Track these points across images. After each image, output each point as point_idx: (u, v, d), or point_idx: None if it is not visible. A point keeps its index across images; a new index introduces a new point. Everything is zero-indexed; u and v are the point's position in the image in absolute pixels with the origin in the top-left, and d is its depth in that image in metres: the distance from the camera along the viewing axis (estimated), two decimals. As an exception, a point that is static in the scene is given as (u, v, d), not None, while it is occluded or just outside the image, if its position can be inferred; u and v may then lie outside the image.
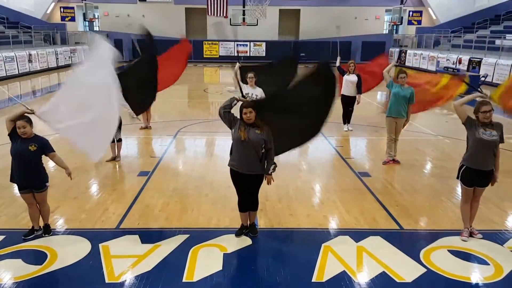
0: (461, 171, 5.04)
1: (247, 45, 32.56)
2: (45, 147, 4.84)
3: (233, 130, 4.84)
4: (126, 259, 4.58)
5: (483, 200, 5.35)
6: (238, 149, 4.80)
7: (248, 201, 5.04)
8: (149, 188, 6.73)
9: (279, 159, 5.24)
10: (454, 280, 4.32)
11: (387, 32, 34.93)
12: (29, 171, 4.82)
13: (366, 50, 32.10)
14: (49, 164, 4.99)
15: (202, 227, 5.42)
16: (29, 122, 4.75)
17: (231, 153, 4.97)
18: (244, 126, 4.73)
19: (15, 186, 5.15)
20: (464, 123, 4.98)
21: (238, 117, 4.85)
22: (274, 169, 4.88)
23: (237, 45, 32.57)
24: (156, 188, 6.77)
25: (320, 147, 9.44)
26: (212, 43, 32.75)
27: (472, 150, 4.90)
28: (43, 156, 4.92)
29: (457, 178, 5.12)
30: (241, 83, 6.49)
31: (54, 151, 4.92)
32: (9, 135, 4.78)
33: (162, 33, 32.39)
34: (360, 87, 10.14)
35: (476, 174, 4.94)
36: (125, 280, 4.21)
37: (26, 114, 4.75)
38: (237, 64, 8.02)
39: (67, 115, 4.91)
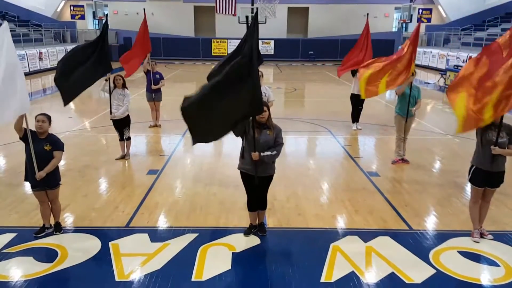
0: (472, 171, 5.02)
1: (255, 43, 32.46)
2: (55, 144, 4.88)
3: (245, 136, 4.77)
4: (136, 258, 4.61)
5: (494, 201, 5.30)
6: (251, 151, 4.69)
7: (257, 200, 5.04)
8: (158, 187, 6.77)
9: (286, 158, 5.09)
10: (464, 282, 4.30)
11: (396, 30, 34.67)
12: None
13: (375, 48, 31.62)
14: (60, 163, 5.03)
15: (210, 226, 5.44)
16: (49, 119, 4.84)
17: (242, 157, 4.87)
18: (256, 125, 4.68)
19: (26, 184, 5.19)
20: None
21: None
22: (268, 157, 4.71)
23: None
24: (165, 186, 6.81)
25: (329, 146, 9.42)
26: (220, 41, 32.78)
27: (483, 152, 4.86)
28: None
29: (468, 179, 5.10)
30: None
31: (62, 151, 4.94)
32: (21, 139, 4.78)
33: (171, 31, 32.57)
34: None
35: (487, 175, 4.90)
36: (135, 279, 4.25)
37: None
38: None
39: None
